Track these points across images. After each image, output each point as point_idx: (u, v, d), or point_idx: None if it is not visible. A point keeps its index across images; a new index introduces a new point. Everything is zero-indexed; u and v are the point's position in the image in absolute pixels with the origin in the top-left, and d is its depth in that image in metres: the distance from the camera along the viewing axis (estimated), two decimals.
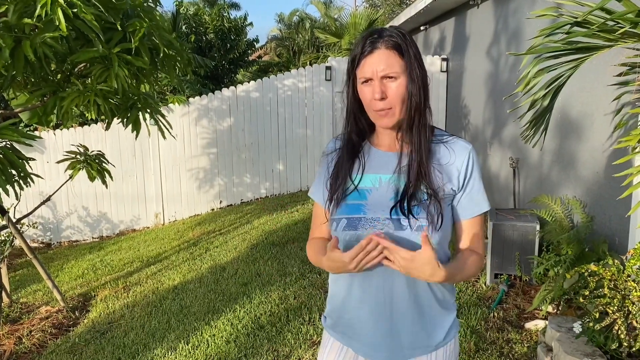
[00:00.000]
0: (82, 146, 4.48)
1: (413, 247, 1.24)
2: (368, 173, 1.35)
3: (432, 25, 8.34)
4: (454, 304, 1.42)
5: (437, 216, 1.26)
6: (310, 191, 1.51)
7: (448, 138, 1.35)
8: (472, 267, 1.34)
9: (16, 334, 3.93)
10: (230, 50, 11.80)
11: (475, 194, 1.34)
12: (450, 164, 1.32)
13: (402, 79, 1.26)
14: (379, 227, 1.27)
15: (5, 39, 2.76)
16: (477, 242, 1.37)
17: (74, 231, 7.88)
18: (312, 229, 1.52)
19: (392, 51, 1.26)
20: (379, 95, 1.25)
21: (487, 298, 3.54)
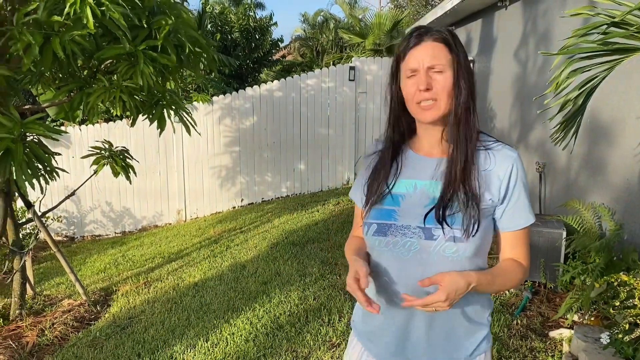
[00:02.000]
0: (107, 142, 4.52)
1: (441, 258, 1.21)
2: (403, 178, 1.32)
3: (458, 26, 8.24)
4: (487, 318, 1.36)
5: (473, 225, 1.21)
6: (351, 192, 1.50)
7: (492, 144, 1.29)
8: (512, 277, 1.29)
9: (39, 326, 3.98)
10: (254, 50, 11.83)
11: (520, 207, 1.28)
12: (489, 171, 1.26)
13: (448, 73, 1.23)
14: (409, 235, 1.24)
15: (35, 36, 2.79)
16: (520, 253, 1.31)
17: (97, 226, 7.98)
18: (353, 227, 1.51)
19: (440, 44, 1.23)
20: (424, 86, 1.21)
21: (510, 304, 3.47)
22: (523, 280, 1.33)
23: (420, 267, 1.23)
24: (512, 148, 1.29)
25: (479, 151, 1.28)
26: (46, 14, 2.89)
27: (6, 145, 2.66)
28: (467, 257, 1.23)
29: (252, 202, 8.02)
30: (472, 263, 1.25)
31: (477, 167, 1.26)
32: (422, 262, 1.23)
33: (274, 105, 7.82)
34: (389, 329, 1.32)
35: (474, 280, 1.17)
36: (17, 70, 3.21)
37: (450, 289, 1.13)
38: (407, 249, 1.24)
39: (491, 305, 1.38)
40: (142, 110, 3.53)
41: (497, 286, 1.27)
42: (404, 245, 1.25)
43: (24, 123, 2.78)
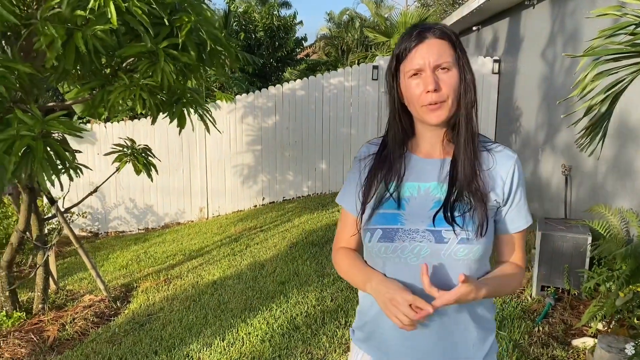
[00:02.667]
0: (129, 139, 4.56)
1: (452, 262, 1.17)
2: (406, 181, 1.26)
3: (485, 25, 8.10)
4: (493, 322, 1.33)
5: (484, 223, 1.18)
6: (339, 197, 1.41)
7: (492, 145, 1.27)
8: (514, 281, 1.27)
9: (60, 320, 4.04)
10: (278, 49, 11.85)
11: (521, 208, 1.26)
12: (492, 170, 1.23)
13: (454, 71, 1.18)
14: (418, 239, 1.19)
15: (58, 30, 2.82)
16: (519, 256, 1.30)
17: (121, 222, 8.08)
18: (339, 238, 1.42)
19: (444, 40, 1.19)
20: (433, 86, 1.16)
21: (532, 311, 3.39)
22: (521, 283, 1.32)
23: (431, 272, 1.18)
24: (511, 149, 1.27)
25: (482, 152, 1.25)
26: (70, 9, 2.91)
27: (27, 142, 2.69)
28: (476, 259, 1.19)
29: (274, 201, 8.03)
30: (480, 265, 1.23)
31: (482, 168, 1.23)
32: (432, 267, 1.19)
33: (296, 104, 7.80)
34: (399, 341, 1.27)
35: (483, 295, 1.14)
36: (40, 68, 3.25)
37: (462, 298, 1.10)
38: (415, 254, 1.19)
39: (494, 307, 1.36)
40: (162, 109, 3.54)
41: (499, 294, 1.25)
42: (412, 251, 1.19)
43: (45, 121, 2.80)
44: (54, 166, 2.90)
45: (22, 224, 4.05)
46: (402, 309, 1.12)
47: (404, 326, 1.13)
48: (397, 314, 1.13)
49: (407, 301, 1.12)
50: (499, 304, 3.46)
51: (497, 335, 3.06)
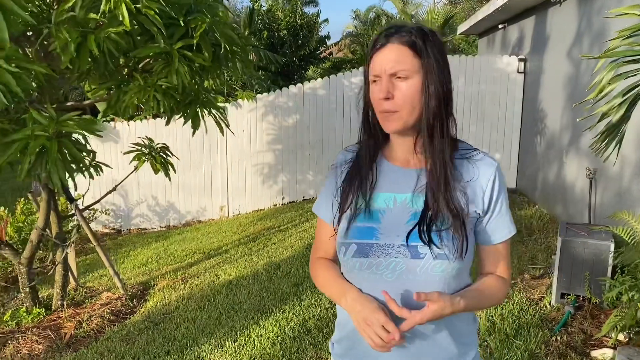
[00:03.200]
0: (148, 138, 4.59)
1: (429, 278, 1.12)
2: (381, 191, 1.20)
3: (511, 23, 7.93)
4: (474, 336, 1.27)
5: (462, 242, 1.12)
6: (315, 206, 1.36)
7: (472, 153, 1.20)
8: (496, 294, 1.21)
9: (77, 317, 4.09)
10: (301, 47, 11.83)
11: (502, 217, 1.20)
12: (473, 181, 1.17)
13: (415, 79, 1.11)
14: (393, 254, 1.14)
15: (72, 34, 2.84)
16: (503, 267, 1.24)
17: (143, 219, 8.17)
18: (316, 247, 1.38)
19: (405, 47, 1.11)
20: (383, 94, 1.11)
21: (550, 319, 3.29)
22: (506, 296, 1.25)
23: (405, 289, 1.13)
24: (492, 156, 1.20)
25: (462, 160, 1.18)
26: (84, 12, 2.93)
27: (41, 142, 2.72)
28: (454, 275, 1.14)
29: (293, 201, 8.01)
30: (459, 280, 1.17)
31: (461, 178, 1.16)
32: (407, 283, 1.13)
33: (317, 103, 7.77)
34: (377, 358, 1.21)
35: (461, 308, 1.10)
36: (58, 68, 3.28)
37: (433, 315, 1.06)
38: (391, 270, 1.14)
39: (476, 321, 1.30)
40: (177, 110, 3.55)
41: (480, 307, 1.19)
42: (387, 267, 1.14)
43: (59, 121, 2.83)
44: (68, 166, 2.92)
45: (41, 222, 4.11)
46: (375, 330, 1.08)
47: (377, 347, 1.09)
48: (370, 334, 1.09)
49: (380, 322, 1.08)
50: (515, 311, 3.37)
51: (513, 345, 2.98)
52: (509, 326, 3.18)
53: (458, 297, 1.10)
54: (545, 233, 5.05)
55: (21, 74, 2.73)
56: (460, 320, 1.21)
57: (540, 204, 6.20)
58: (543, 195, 6.14)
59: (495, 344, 3.00)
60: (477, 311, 1.25)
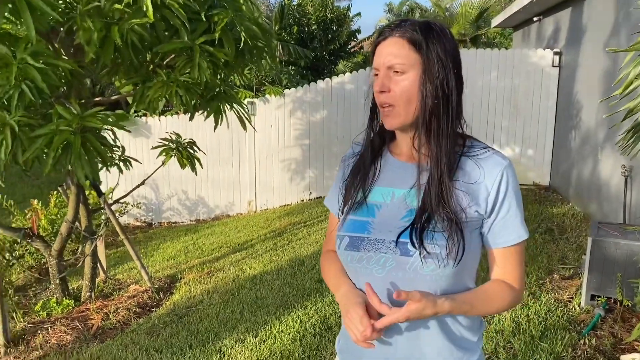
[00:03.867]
0: (175, 134, 4.64)
1: (418, 276, 1.09)
2: (380, 185, 1.19)
3: (546, 16, 7.70)
4: (476, 342, 1.21)
5: (457, 246, 1.07)
6: (326, 199, 1.37)
7: (480, 151, 1.14)
8: (499, 300, 1.14)
9: (105, 309, 4.17)
10: (331, 41, 11.77)
11: (510, 220, 1.13)
12: (478, 182, 1.11)
13: (411, 74, 1.08)
14: (383, 250, 1.11)
15: (96, 24, 2.87)
16: (511, 273, 1.16)
17: (174, 213, 8.29)
18: (326, 240, 1.39)
19: (405, 42, 1.09)
20: (379, 87, 1.10)
21: (579, 322, 3.18)
22: (514, 304, 1.17)
23: (394, 285, 1.11)
24: (502, 155, 1.14)
25: (468, 159, 1.13)
26: (110, 3, 2.96)
27: (65, 137, 2.77)
28: (447, 275, 1.09)
29: (320, 196, 8.00)
30: (456, 281, 1.12)
31: (463, 178, 1.11)
32: (397, 280, 1.10)
33: (345, 98, 7.72)
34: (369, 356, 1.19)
35: (445, 310, 1.06)
36: (85, 63, 3.33)
37: (411, 315, 1.03)
38: (381, 265, 1.11)
39: (482, 326, 1.23)
40: (199, 105, 3.57)
41: (474, 313, 1.14)
42: (377, 262, 1.12)
43: (83, 116, 2.87)
44: (92, 161, 2.97)
45: (70, 215, 4.20)
46: (355, 324, 1.07)
47: (358, 341, 1.07)
48: (351, 327, 1.08)
49: (359, 316, 1.06)
50: (542, 312, 3.27)
51: (538, 347, 2.89)
52: (535, 328, 3.09)
53: (443, 298, 1.07)
54: (578, 232, 4.90)
55: (47, 69, 2.79)
56: (459, 324, 1.16)
57: (573, 201, 6.02)
58: (577, 192, 5.96)
59: (519, 346, 2.92)
60: (475, 315, 1.19)
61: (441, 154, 1.10)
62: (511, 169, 1.13)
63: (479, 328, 1.22)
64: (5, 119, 2.69)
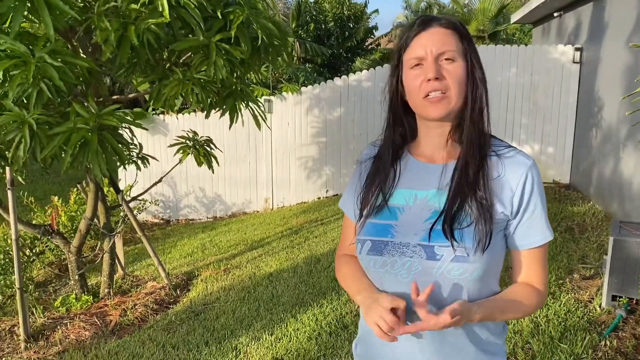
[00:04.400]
0: (192, 131, 4.66)
1: (445, 281, 1.05)
2: (401, 187, 1.16)
3: (567, 11, 7.57)
4: (501, 346, 1.18)
5: (485, 239, 1.04)
6: (341, 202, 1.33)
7: (504, 150, 1.12)
8: (527, 303, 1.12)
9: (122, 305, 4.21)
10: (348, 38, 11.73)
11: (536, 221, 1.10)
12: (502, 180, 1.09)
13: (460, 62, 1.07)
14: (408, 254, 1.08)
15: (113, 24, 2.89)
16: (536, 275, 1.14)
17: (191, 210, 8.34)
18: (341, 244, 1.35)
19: (450, 30, 1.08)
20: (434, 74, 1.05)
21: (599, 323, 3.12)
22: (539, 307, 1.14)
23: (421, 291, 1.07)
24: (526, 154, 1.11)
25: (490, 157, 1.11)
26: (127, 3, 2.98)
27: (82, 135, 2.79)
28: (475, 279, 1.06)
29: (337, 194, 7.98)
30: (482, 285, 1.09)
31: (488, 176, 1.09)
32: (424, 285, 1.06)
33: (362, 95, 7.68)
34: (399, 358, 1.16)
35: (477, 320, 1.04)
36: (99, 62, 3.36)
37: (448, 326, 1.00)
38: (406, 270, 1.09)
39: (505, 329, 1.21)
40: (215, 103, 3.57)
41: (503, 318, 1.11)
42: (402, 266, 1.09)
43: (100, 114, 2.89)
44: (109, 158, 2.99)
45: (89, 212, 4.25)
46: (381, 313, 1.02)
47: (382, 334, 1.02)
48: (376, 318, 1.03)
49: (389, 305, 1.03)
50: (562, 313, 3.21)
51: (557, 348, 2.84)
52: (554, 329, 3.04)
53: (476, 306, 1.04)
54: (599, 231, 4.81)
55: (65, 68, 2.81)
56: (485, 329, 1.14)
57: (594, 200, 5.91)
58: (598, 191, 5.85)
59: (538, 347, 2.87)
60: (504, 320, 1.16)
61: (475, 146, 1.09)
62: (535, 169, 1.10)
63: (502, 331, 1.19)
64: (23, 116, 2.72)
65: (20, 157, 2.74)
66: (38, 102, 2.72)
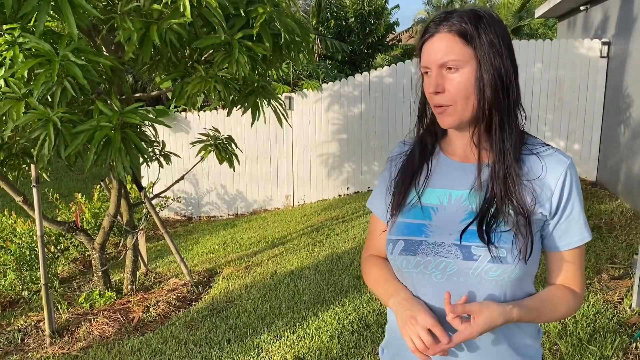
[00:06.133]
0: (214, 129, 4.66)
1: (482, 282, 1.02)
2: (435, 187, 1.12)
3: (594, 4, 7.40)
4: (537, 349, 1.14)
5: (527, 244, 1.01)
6: (369, 201, 1.29)
7: (541, 148, 1.08)
8: (565, 306, 1.08)
9: (145, 302, 4.24)
10: (369, 35, 11.65)
11: (574, 221, 1.07)
12: (541, 180, 1.04)
13: (467, 69, 1.01)
14: (444, 254, 1.05)
15: (135, 24, 2.90)
16: (574, 277, 1.10)
17: (213, 207, 8.38)
18: (368, 244, 1.31)
19: (455, 36, 1.02)
20: (433, 89, 1.03)
21: (630, 325, 3.03)
22: (576, 310, 1.10)
23: (456, 292, 1.04)
24: (564, 153, 1.07)
25: (527, 156, 1.06)
26: (149, 3, 2.98)
27: (105, 133, 2.80)
28: (512, 280, 1.02)
29: (358, 191, 7.94)
30: (518, 286, 1.06)
31: (526, 176, 1.04)
32: (459, 287, 1.04)
33: (383, 92, 7.61)
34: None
35: (514, 318, 1.00)
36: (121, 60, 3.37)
37: (483, 327, 0.96)
38: (441, 270, 1.05)
39: (540, 333, 1.17)
40: (237, 101, 3.56)
41: (540, 320, 1.07)
42: (437, 267, 1.05)
43: (123, 112, 2.90)
44: (132, 156, 2.99)
45: (112, 209, 4.28)
46: (418, 331, 0.99)
47: (416, 352, 1.00)
48: (412, 335, 1.00)
49: (427, 324, 0.99)
50: (591, 314, 3.13)
51: (586, 350, 2.77)
52: (583, 330, 2.96)
53: (511, 305, 1.00)
54: (628, 230, 4.69)
55: (88, 66, 2.83)
56: (522, 332, 1.10)
57: (622, 198, 5.77)
58: (626, 188, 5.71)
59: (566, 349, 2.80)
60: (540, 322, 1.12)
61: (505, 147, 1.04)
62: (573, 168, 1.07)
63: (538, 335, 1.16)
64: (48, 115, 2.74)
65: (45, 155, 2.76)
66: (62, 100, 2.74)
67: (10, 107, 2.74)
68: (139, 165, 3.15)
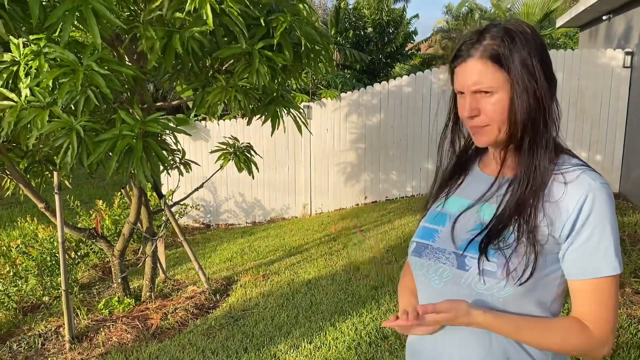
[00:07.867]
0: (233, 138, 4.69)
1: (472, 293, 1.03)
2: (458, 196, 1.16)
3: (617, 14, 7.31)
4: None
5: (526, 268, 0.99)
6: None
7: (569, 168, 1.03)
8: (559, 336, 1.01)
9: (163, 309, 4.26)
10: (387, 44, 11.66)
11: (590, 250, 0.99)
12: (558, 203, 1.01)
13: (502, 93, 1.01)
14: (442, 260, 1.07)
15: (158, 32, 2.94)
16: (590, 312, 1.01)
17: (231, 215, 8.41)
18: None
19: (488, 61, 1.01)
20: (467, 113, 1.04)
21: None
22: (586, 351, 1.01)
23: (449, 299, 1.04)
24: (596, 175, 1.01)
25: (556, 177, 1.04)
26: (171, 12, 3.02)
27: (127, 142, 2.83)
28: (506, 297, 1.00)
29: (376, 200, 7.91)
30: (518, 306, 1.02)
31: (546, 196, 1.02)
32: (453, 295, 1.04)
33: (402, 101, 7.60)
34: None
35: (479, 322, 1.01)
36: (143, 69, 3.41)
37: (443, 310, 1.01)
38: (439, 276, 1.08)
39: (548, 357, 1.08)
40: (257, 110, 3.58)
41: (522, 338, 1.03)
42: (436, 272, 1.08)
43: (145, 121, 2.93)
44: (153, 164, 3.03)
45: (132, 216, 4.32)
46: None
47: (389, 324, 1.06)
48: None
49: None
50: None
51: None
52: None
53: (482, 310, 1.00)
54: None
55: (111, 76, 2.87)
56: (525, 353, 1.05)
57: None
58: None
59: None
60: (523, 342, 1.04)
61: (530, 168, 1.03)
62: (601, 192, 0.99)
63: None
64: (71, 123, 2.78)
65: (68, 162, 2.80)
66: (85, 109, 2.78)
67: (35, 116, 2.79)
68: (160, 173, 3.18)
